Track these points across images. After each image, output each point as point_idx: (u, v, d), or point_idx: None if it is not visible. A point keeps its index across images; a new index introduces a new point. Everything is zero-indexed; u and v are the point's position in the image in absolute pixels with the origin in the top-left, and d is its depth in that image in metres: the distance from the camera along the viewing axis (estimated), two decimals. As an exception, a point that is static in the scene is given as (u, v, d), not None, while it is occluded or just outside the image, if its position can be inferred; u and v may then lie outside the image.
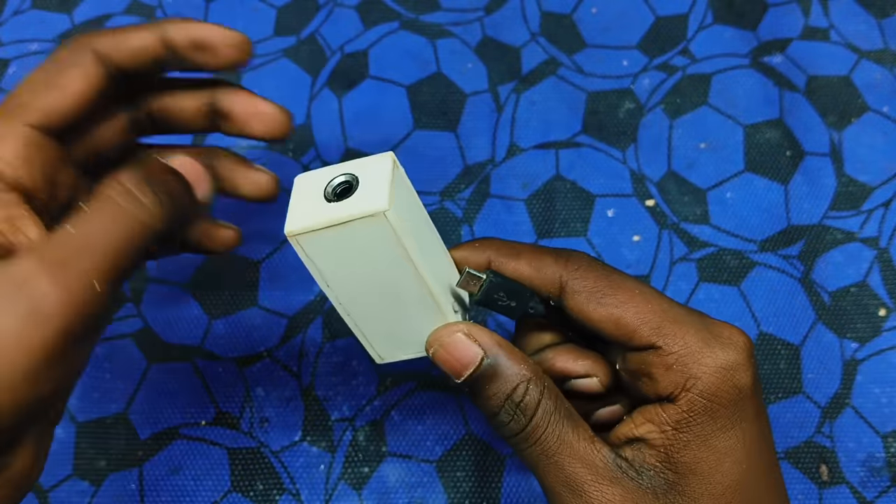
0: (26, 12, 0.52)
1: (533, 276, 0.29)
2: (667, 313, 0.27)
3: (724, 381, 0.26)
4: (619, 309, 0.28)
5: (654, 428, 0.27)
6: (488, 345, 0.28)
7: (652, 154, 0.47)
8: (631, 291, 0.28)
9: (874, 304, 0.43)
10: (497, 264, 0.30)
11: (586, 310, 0.28)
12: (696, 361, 0.27)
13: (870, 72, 0.49)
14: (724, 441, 0.26)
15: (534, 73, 0.50)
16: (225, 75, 0.35)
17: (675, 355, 0.27)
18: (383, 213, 0.25)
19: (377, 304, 0.28)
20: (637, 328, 0.27)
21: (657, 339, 0.27)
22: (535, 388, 0.28)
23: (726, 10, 0.51)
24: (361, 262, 0.27)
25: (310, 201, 0.27)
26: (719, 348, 0.27)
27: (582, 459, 0.27)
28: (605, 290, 0.28)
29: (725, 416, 0.26)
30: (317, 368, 0.42)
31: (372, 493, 0.40)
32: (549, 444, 0.27)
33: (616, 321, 0.28)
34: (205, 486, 0.40)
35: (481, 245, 0.30)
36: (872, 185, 0.46)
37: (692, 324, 0.27)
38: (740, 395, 0.27)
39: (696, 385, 0.26)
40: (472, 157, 0.47)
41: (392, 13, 0.52)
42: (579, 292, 0.28)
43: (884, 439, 0.40)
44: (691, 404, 0.26)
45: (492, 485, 0.40)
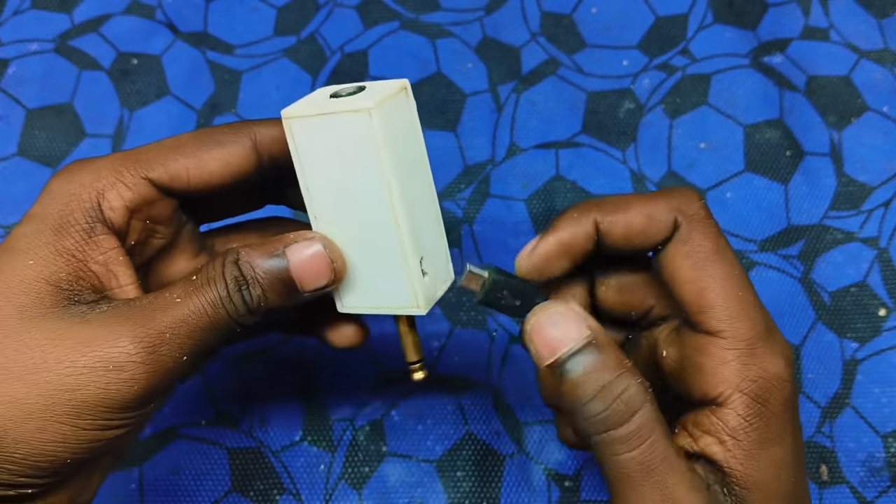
0: (26, 12, 0.52)
1: (648, 228, 0.27)
2: (747, 308, 0.26)
3: (777, 389, 0.25)
4: (711, 280, 0.26)
5: (713, 440, 0.26)
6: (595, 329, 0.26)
7: (652, 154, 0.47)
8: (730, 269, 0.26)
9: (874, 303, 0.43)
10: (606, 224, 0.27)
11: (682, 264, 0.27)
12: (758, 364, 0.25)
13: (870, 72, 0.49)
14: (779, 451, 0.25)
15: (534, 73, 0.50)
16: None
17: (737, 351, 0.26)
18: (368, 111, 0.26)
19: (350, 222, 0.28)
20: (714, 307, 0.26)
21: (727, 327, 0.26)
22: (639, 388, 0.25)
23: (726, 10, 0.51)
24: (340, 163, 0.27)
25: (315, 99, 0.28)
26: (778, 358, 0.26)
27: (682, 477, 0.25)
28: (710, 255, 0.26)
29: (778, 424, 0.26)
30: (317, 368, 0.42)
31: (372, 492, 0.40)
32: (654, 455, 0.24)
33: (701, 290, 0.26)
34: (205, 486, 0.40)
35: (580, 211, 0.28)
36: (872, 184, 0.46)
37: (765, 327, 0.26)
38: (787, 405, 0.26)
39: (751, 388, 0.25)
40: (472, 156, 0.47)
41: (392, 13, 0.52)
42: (685, 242, 0.27)
43: (884, 439, 0.40)
44: (747, 408, 0.25)
45: (492, 485, 0.40)
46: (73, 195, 0.28)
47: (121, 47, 0.51)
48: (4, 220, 0.46)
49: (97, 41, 0.51)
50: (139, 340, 0.26)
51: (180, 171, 0.29)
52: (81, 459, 0.26)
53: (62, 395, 0.25)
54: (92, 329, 0.26)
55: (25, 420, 0.25)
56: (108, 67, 0.50)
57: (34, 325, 0.26)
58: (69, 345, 0.25)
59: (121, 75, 0.50)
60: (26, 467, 0.25)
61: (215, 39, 0.51)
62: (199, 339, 0.27)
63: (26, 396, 0.25)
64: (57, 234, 0.27)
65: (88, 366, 0.25)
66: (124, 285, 0.28)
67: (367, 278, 0.29)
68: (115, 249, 0.28)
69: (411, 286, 0.28)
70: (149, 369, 0.26)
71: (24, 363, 0.25)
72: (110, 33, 0.51)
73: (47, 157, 0.48)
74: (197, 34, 0.51)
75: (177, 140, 0.29)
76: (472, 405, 0.42)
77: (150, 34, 0.51)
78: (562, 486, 0.40)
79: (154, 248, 0.30)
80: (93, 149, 0.48)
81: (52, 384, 0.25)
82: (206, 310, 0.27)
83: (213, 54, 0.50)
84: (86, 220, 0.27)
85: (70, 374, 0.25)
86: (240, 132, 0.30)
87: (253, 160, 0.30)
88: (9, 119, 0.49)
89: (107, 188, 0.28)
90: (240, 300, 0.27)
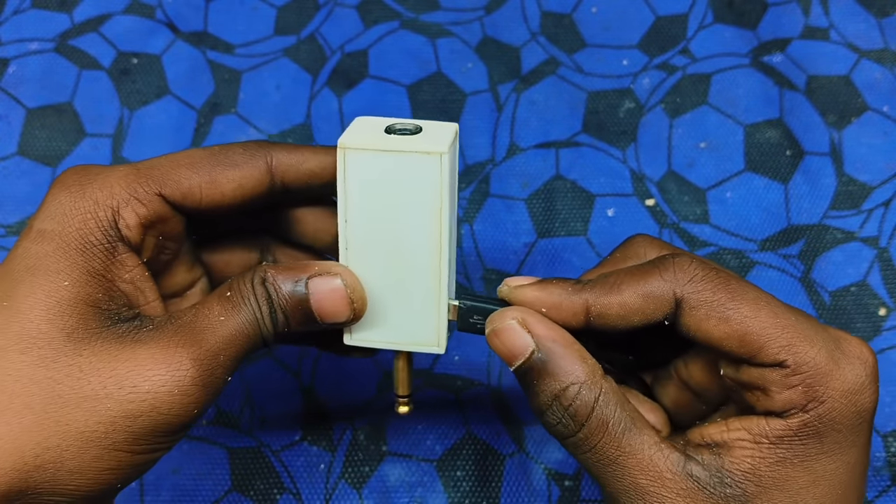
0: (26, 12, 0.52)
1: (644, 306, 0.26)
2: (796, 329, 0.25)
3: (848, 405, 0.25)
4: (744, 324, 0.25)
5: (748, 437, 0.25)
6: (543, 337, 0.26)
7: (652, 154, 0.47)
8: (755, 303, 0.25)
9: (874, 303, 0.43)
10: (599, 308, 0.27)
11: (706, 326, 0.25)
12: (823, 384, 0.24)
13: (870, 71, 0.49)
14: (825, 465, 0.25)
15: (534, 72, 0.50)
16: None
17: (802, 376, 0.24)
18: (440, 155, 0.26)
19: (381, 258, 0.28)
20: (764, 345, 0.25)
21: (786, 356, 0.25)
22: (589, 392, 0.25)
23: (726, 10, 0.51)
24: (392, 200, 0.27)
25: (368, 131, 0.27)
26: (849, 368, 0.25)
27: (645, 469, 0.25)
28: (727, 302, 0.25)
29: (837, 440, 0.25)
30: (317, 368, 0.42)
31: (372, 492, 0.40)
32: (607, 452, 0.25)
33: (741, 337, 0.25)
34: (205, 485, 0.40)
35: (574, 289, 0.27)
36: (872, 184, 0.46)
37: (822, 340, 0.25)
38: (860, 419, 0.25)
39: (817, 409, 0.24)
40: (472, 156, 0.47)
41: (392, 13, 0.52)
42: (697, 307, 0.26)
43: (884, 439, 0.40)
44: (804, 425, 0.25)
45: (492, 485, 0.40)
46: (89, 213, 0.27)
47: (121, 47, 0.51)
48: (4, 219, 0.46)
49: (97, 41, 0.51)
50: (199, 363, 0.25)
51: (193, 189, 0.28)
52: (129, 483, 0.26)
53: (123, 422, 0.24)
54: (149, 350, 0.25)
55: (84, 450, 0.24)
56: (108, 67, 0.50)
57: (86, 348, 0.25)
58: (127, 367, 0.25)
59: (121, 75, 0.50)
60: (78, 498, 0.24)
61: (215, 39, 0.51)
62: (240, 358, 0.27)
63: (85, 425, 0.24)
64: (83, 255, 0.26)
65: (151, 391, 0.24)
66: (151, 301, 0.28)
67: (385, 314, 0.29)
68: (137, 267, 0.28)
69: (437, 327, 0.29)
70: (206, 391, 0.26)
71: (81, 390, 0.24)
72: (110, 33, 0.51)
73: (47, 156, 0.48)
74: (197, 34, 0.51)
75: (190, 156, 0.29)
76: (472, 405, 0.42)
77: (150, 34, 0.51)
78: (562, 485, 0.40)
79: (162, 263, 0.30)
80: (93, 149, 0.48)
81: (113, 411, 0.24)
82: (247, 328, 0.27)
83: (213, 54, 0.50)
84: (106, 240, 0.27)
85: (133, 401, 0.24)
86: (256, 154, 0.29)
87: (266, 184, 0.29)
88: (9, 119, 0.49)
89: (121, 205, 0.27)
90: (271, 321, 0.27)
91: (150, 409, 0.24)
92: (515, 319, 0.26)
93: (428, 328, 0.29)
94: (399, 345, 0.30)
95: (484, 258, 0.45)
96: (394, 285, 0.28)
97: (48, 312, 0.25)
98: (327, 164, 0.30)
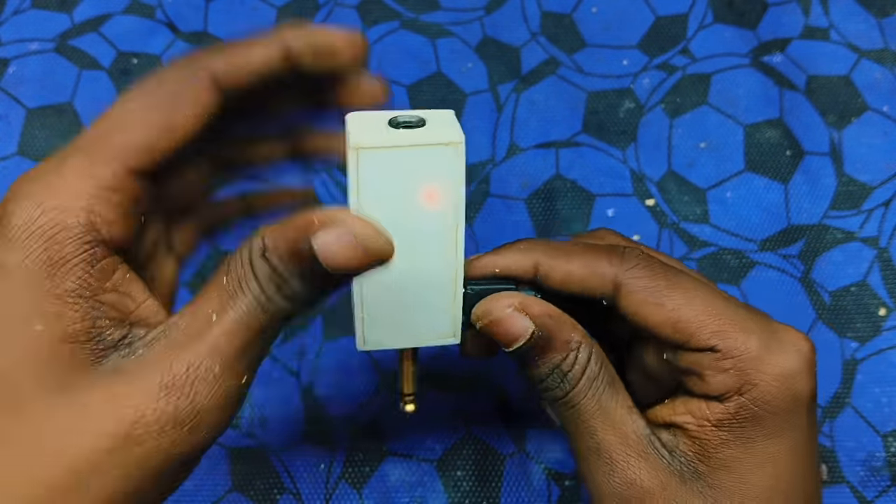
0: (26, 11, 0.52)
1: (586, 278, 0.28)
2: (728, 315, 0.26)
3: (781, 389, 0.25)
4: (678, 311, 0.26)
5: (693, 420, 0.26)
6: (539, 316, 0.27)
7: (652, 153, 0.47)
8: (690, 291, 0.27)
9: (874, 303, 0.43)
10: (546, 268, 0.28)
11: (643, 311, 0.27)
12: (755, 367, 0.25)
13: (870, 71, 0.49)
14: (769, 447, 0.26)
15: (534, 72, 0.50)
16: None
17: (733, 360, 0.26)
18: (457, 144, 0.25)
19: (396, 255, 0.27)
20: (696, 331, 0.26)
21: (717, 341, 0.26)
22: (583, 354, 0.27)
23: (726, 10, 0.51)
24: (411, 195, 0.26)
25: (374, 128, 0.26)
26: (781, 354, 0.26)
27: (615, 428, 0.27)
28: (663, 290, 0.27)
29: (775, 423, 0.26)
30: (317, 368, 0.42)
31: (372, 492, 0.40)
32: (587, 407, 0.27)
33: (674, 324, 0.26)
34: (205, 485, 0.40)
35: (527, 247, 0.29)
36: (872, 184, 0.46)
37: (754, 328, 0.26)
38: (796, 403, 0.26)
39: (750, 391, 0.25)
40: (472, 156, 0.47)
41: (392, 13, 0.52)
42: (635, 292, 0.27)
43: (884, 439, 0.40)
44: (740, 408, 0.26)
45: (492, 485, 0.40)
46: (56, 225, 0.23)
47: (121, 47, 0.51)
48: (4, 219, 0.46)
49: (97, 41, 0.51)
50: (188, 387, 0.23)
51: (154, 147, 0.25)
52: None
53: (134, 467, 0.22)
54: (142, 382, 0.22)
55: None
56: (108, 67, 0.50)
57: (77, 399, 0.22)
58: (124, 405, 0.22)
59: (121, 75, 0.50)
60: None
61: (215, 39, 0.51)
62: (255, 352, 0.24)
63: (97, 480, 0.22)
64: (54, 280, 0.23)
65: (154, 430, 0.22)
66: (142, 302, 0.25)
67: (400, 313, 0.28)
68: (119, 269, 0.24)
69: (453, 317, 0.28)
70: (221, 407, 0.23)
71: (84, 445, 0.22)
72: (110, 33, 0.51)
73: (47, 156, 0.47)
74: (197, 34, 0.51)
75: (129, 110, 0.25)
76: (472, 405, 0.42)
77: (150, 34, 0.51)
78: (562, 485, 0.40)
79: (146, 251, 0.28)
80: (93, 148, 0.48)
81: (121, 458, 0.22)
82: (249, 320, 0.24)
83: (213, 54, 0.50)
84: (83, 250, 0.23)
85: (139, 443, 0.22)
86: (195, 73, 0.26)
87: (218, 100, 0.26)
88: (9, 119, 0.49)
89: (92, 202, 0.23)
90: (281, 298, 0.24)
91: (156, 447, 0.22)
92: (512, 306, 0.27)
93: (443, 320, 0.28)
94: (415, 342, 0.29)
95: (484, 258, 0.45)
96: (408, 281, 0.28)
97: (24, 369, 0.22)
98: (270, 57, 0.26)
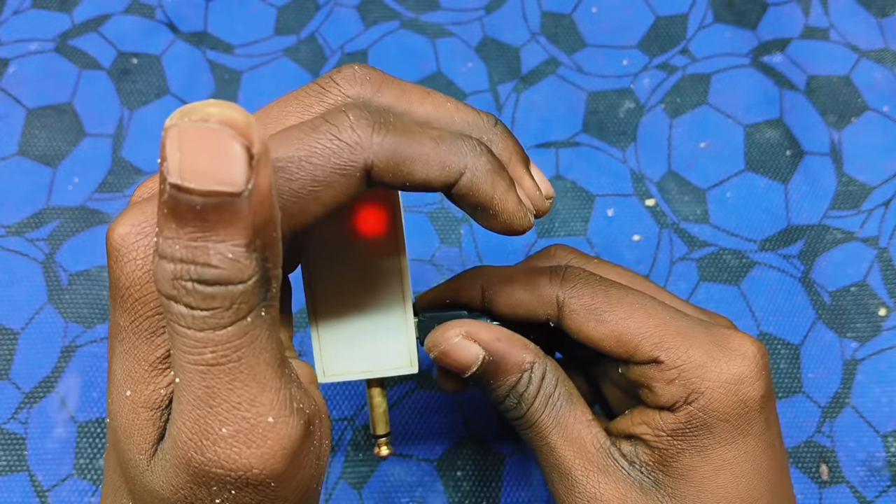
0: (26, 12, 0.52)
1: (530, 301, 0.28)
2: (670, 326, 0.27)
3: (728, 395, 0.26)
4: (619, 326, 0.27)
5: (650, 430, 0.27)
6: (488, 341, 0.27)
7: (652, 153, 0.47)
8: (631, 306, 0.27)
9: (874, 303, 0.43)
10: (490, 293, 0.29)
11: (585, 329, 0.27)
12: (700, 376, 0.26)
13: (870, 71, 0.49)
14: (723, 454, 0.26)
15: (534, 72, 0.50)
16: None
17: (678, 370, 0.26)
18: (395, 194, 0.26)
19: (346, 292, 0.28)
20: (638, 344, 0.27)
21: (659, 353, 0.26)
22: (537, 373, 0.27)
23: (726, 10, 0.51)
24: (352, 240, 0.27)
25: None
26: (725, 361, 0.26)
27: (574, 443, 0.27)
28: (603, 306, 0.27)
29: (727, 429, 0.26)
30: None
31: (372, 492, 0.40)
32: (545, 425, 0.27)
33: (617, 338, 0.27)
34: (205, 485, 0.40)
35: (473, 275, 0.30)
36: (872, 184, 0.46)
37: (697, 336, 0.26)
38: (745, 408, 0.26)
39: (697, 400, 0.26)
40: (472, 156, 0.47)
41: (392, 13, 0.52)
42: (577, 311, 0.27)
43: (884, 439, 0.40)
44: (690, 417, 0.26)
45: (492, 485, 0.40)
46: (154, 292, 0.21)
47: (121, 47, 0.51)
48: (5, 219, 0.46)
49: (97, 41, 0.51)
50: None
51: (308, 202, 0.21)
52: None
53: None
54: None
55: None
56: (108, 67, 0.50)
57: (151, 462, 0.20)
58: None
59: (121, 75, 0.50)
60: None
61: (215, 39, 0.51)
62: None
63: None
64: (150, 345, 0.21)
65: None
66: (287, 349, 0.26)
67: (355, 345, 0.28)
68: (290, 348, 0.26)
69: (408, 347, 0.29)
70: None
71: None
72: (110, 33, 0.51)
73: (47, 156, 0.48)
74: (197, 34, 0.51)
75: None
76: (472, 405, 0.42)
77: (150, 34, 0.51)
78: (562, 485, 0.40)
79: None
80: (93, 149, 0.48)
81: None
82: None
83: (212, 54, 0.50)
84: None
85: None
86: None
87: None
88: (9, 119, 0.49)
89: None
90: None
91: None
92: (459, 335, 0.28)
93: (399, 350, 0.29)
94: (374, 372, 0.29)
95: (484, 258, 0.45)
96: (362, 312, 0.28)
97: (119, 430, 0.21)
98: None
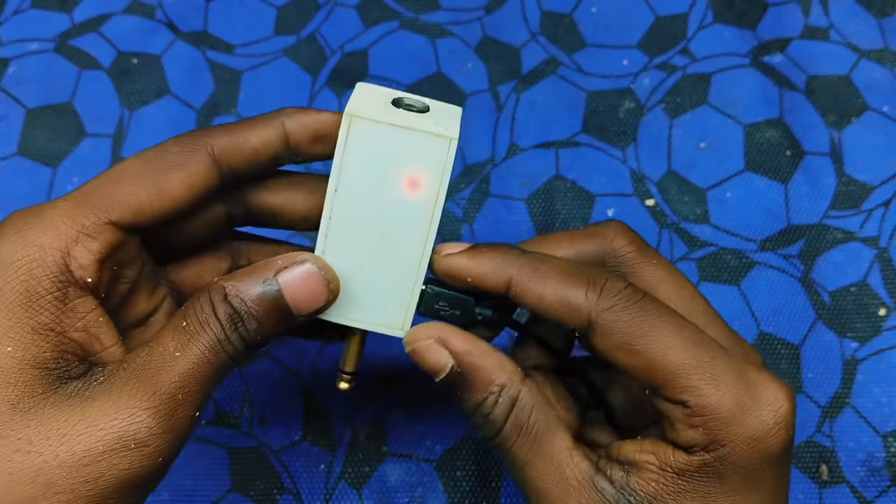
0: (26, 12, 0.52)
1: (560, 310, 0.26)
2: (705, 369, 0.25)
3: (751, 451, 0.24)
4: (653, 360, 0.25)
5: (656, 462, 0.25)
6: (460, 352, 0.27)
7: (652, 153, 0.47)
8: (669, 339, 0.25)
9: (874, 303, 0.43)
10: (519, 289, 0.27)
11: (615, 354, 0.25)
12: (726, 428, 0.24)
13: (870, 71, 0.49)
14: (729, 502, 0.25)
15: (534, 72, 0.50)
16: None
17: (704, 418, 0.24)
18: (449, 140, 0.26)
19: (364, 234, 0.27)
20: (669, 382, 0.25)
21: (689, 397, 0.24)
22: (506, 397, 0.26)
23: (726, 10, 0.51)
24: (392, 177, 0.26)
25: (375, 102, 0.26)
26: (755, 414, 0.24)
27: (552, 476, 0.26)
28: (637, 334, 0.25)
29: (738, 481, 0.25)
30: (317, 368, 0.42)
31: (372, 492, 0.40)
32: (520, 456, 0.26)
33: (647, 371, 0.25)
34: (205, 485, 0.40)
35: (504, 260, 0.27)
36: (872, 184, 0.46)
37: (732, 381, 0.25)
38: (764, 463, 0.25)
39: (718, 451, 0.24)
40: (472, 156, 0.47)
41: (392, 13, 0.52)
42: (609, 335, 0.25)
43: (884, 439, 0.40)
44: (704, 464, 0.25)
45: (492, 485, 0.40)
46: (34, 261, 0.24)
47: (121, 47, 0.51)
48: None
49: (97, 41, 0.51)
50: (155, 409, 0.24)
51: (143, 205, 0.26)
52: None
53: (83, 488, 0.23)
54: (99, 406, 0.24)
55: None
56: (108, 67, 0.50)
57: (33, 418, 0.23)
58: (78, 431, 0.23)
59: (121, 75, 0.50)
60: None
61: (215, 39, 0.51)
62: (207, 390, 0.25)
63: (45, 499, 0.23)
64: (28, 311, 0.24)
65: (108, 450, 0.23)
66: (108, 346, 0.26)
67: (355, 291, 0.28)
68: (92, 311, 0.25)
69: (406, 310, 0.28)
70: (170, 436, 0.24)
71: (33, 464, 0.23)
72: (110, 33, 0.51)
73: (47, 156, 0.48)
74: (197, 34, 0.51)
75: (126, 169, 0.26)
76: (472, 405, 0.42)
77: (150, 34, 0.51)
78: (562, 485, 0.40)
79: (120, 294, 0.28)
80: (93, 149, 0.48)
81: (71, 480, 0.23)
82: (208, 357, 0.25)
83: (213, 54, 0.50)
84: (56, 287, 0.24)
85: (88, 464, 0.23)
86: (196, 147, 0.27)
87: (215, 176, 0.27)
88: (9, 119, 0.49)
89: (70, 245, 0.25)
90: (238, 339, 0.26)
91: (109, 469, 0.23)
92: (432, 338, 0.27)
93: (396, 311, 0.28)
94: (365, 324, 0.29)
95: (484, 258, 0.45)
96: (370, 263, 0.28)
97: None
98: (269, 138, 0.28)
